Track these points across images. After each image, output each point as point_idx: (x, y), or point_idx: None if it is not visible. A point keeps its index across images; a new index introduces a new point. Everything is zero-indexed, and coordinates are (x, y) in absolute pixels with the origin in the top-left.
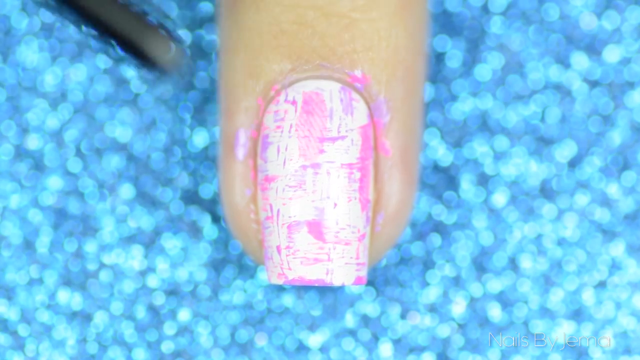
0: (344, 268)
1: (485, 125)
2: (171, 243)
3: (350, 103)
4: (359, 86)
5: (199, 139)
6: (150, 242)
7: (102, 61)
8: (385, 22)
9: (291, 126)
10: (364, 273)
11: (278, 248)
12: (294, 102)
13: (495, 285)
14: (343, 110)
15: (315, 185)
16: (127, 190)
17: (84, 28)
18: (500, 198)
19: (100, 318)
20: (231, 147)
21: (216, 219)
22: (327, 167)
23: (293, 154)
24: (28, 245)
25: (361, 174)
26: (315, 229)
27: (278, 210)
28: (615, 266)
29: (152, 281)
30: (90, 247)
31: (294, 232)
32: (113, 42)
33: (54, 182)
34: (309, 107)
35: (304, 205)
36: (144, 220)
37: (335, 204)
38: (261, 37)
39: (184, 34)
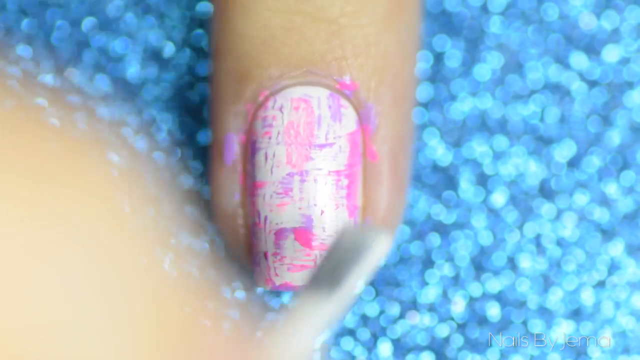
0: None
1: (484, 125)
2: None
3: (339, 110)
4: (347, 92)
5: (200, 139)
6: None
7: (103, 61)
8: (374, 28)
9: (279, 133)
10: None
11: (265, 254)
12: (281, 109)
13: (494, 284)
14: (331, 117)
15: (302, 192)
16: None
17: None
18: (499, 198)
19: None
20: (220, 151)
21: None
22: (315, 174)
23: (280, 160)
24: None
25: (349, 181)
26: (302, 236)
27: (265, 217)
28: (614, 266)
29: None
30: None
31: (281, 239)
32: None
33: None
34: (296, 114)
35: (291, 213)
36: None
37: (323, 211)
38: (250, 42)
39: (184, 33)
